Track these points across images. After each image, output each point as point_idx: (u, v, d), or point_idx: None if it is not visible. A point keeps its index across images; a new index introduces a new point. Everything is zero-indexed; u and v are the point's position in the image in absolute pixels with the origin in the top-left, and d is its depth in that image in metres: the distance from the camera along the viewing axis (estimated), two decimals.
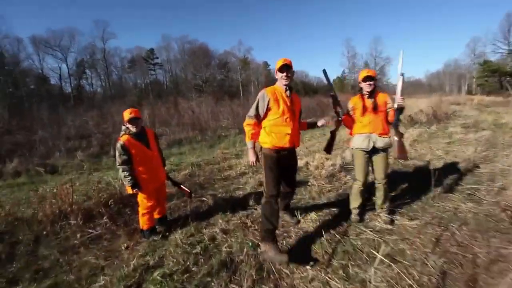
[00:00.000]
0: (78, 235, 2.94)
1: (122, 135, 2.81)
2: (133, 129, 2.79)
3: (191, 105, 12.59)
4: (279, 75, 2.43)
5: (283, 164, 2.49)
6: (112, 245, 2.82)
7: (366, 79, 2.67)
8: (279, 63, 2.39)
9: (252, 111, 2.44)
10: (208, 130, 9.92)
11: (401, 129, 2.80)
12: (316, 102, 17.47)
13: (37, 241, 2.91)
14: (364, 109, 2.72)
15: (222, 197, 3.98)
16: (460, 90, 52.07)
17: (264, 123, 2.46)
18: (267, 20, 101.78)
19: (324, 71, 2.75)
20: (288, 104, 2.41)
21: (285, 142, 2.40)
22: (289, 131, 2.40)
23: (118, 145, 2.73)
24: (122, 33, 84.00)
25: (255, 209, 3.38)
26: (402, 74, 2.59)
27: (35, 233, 3.01)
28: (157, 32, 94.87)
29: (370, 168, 2.89)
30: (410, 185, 3.90)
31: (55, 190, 3.52)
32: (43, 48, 38.50)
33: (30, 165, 5.78)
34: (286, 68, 2.37)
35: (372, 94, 2.73)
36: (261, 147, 2.51)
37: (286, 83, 2.42)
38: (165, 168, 3.23)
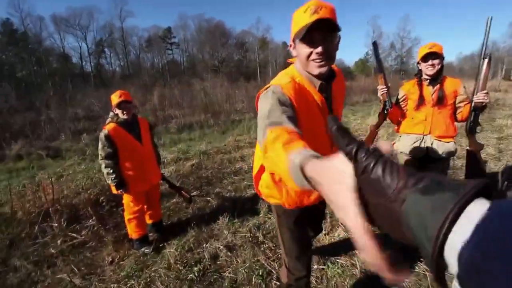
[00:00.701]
0: (59, 241, 2.49)
1: (108, 123, 2.27)
2: (122, 115, 2.23)
3: (205, 86, 11.95)
4: (303, 53, 0.96)
5: (309, 220, 1.47)
6: (95, 257, 2.35)
7: (428, 57, 1.86)
8: (303, 19, 0.90)
9: (272, 118, 0.79)
10: (221, 114, 9.31)
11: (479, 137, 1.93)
12: None
13: (12, 246, 2.50)
14: (421, 100, 1.95)
15: (230, 197, 3.41)
16: (496, 75, 47.80)
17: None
18: None
19: (375, 44, 1.98)
20: (323, 117, 1.06)
21: (314, 199, 1.20)
22: None
23: (102, 134, 2.19)
24: (140, 11, 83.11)
25: (269, 218, 2.78)
26: (489, 56, 1.68)
27: (11, 235, 2.60)
28: (174, 11, 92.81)
29: None
30: None
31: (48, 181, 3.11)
32: (64, 27, 38.81)
33: (32, 149, 5.49)
34: (323, 30, 0.91)
35: (436, 79, 1.92)
36: (263, 200, 1.35)
37: (322, 70, 0.97)
38: (161, 165, 2.70)
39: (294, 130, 0.72)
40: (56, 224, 2.61)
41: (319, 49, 0.92)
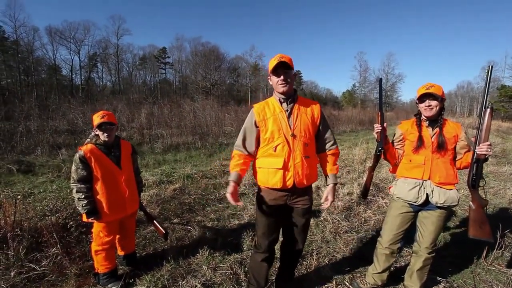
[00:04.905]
0: (12, 273, 2.19)
1: (85, 144, 2.10)
2: (103, 137, 2.08)
3: (195, 107, 11.92)
4: (273, 81, 1.69)
5: (281, 210, 1.77)
6: None
7: (424, 97, 1.79)
8: (272, 63, 1.63)
9: (238, 140, 1.78)
10: (209, 136, 9.20)
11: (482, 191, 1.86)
12: (327, 115, 16.62)
13: None
14: (420, 141, 1.83)
15: (212, 226, 3.22)
16: (471, 113, 50.98)
17: (258, 152, 1.80)
18: (280, 27, 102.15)
19: (380, 81, 1.99)
20: (283, 123, 1.67)
21: (275, 182, 1.65)
22: (280, 165, 1.63)
23: (77, 156, 2.02)
24: (137, 30, 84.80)
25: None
26: (491, 106, 1.64)
27: None
28: (171, 32, 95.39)
29: (408, 225, 1.95)
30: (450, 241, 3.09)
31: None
32: (58, 39, 38.70)
33: (2, 162, 5.10)
34: (283, 68, 1.63)
35: (436, 122, 1.83)
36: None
37: (284, 89, 1.66)
38: (141, 194, 2.51)
39: (245, 154, 1.77)
40: (13, 253, 2.32)
41: (282, 77, 1.64)
